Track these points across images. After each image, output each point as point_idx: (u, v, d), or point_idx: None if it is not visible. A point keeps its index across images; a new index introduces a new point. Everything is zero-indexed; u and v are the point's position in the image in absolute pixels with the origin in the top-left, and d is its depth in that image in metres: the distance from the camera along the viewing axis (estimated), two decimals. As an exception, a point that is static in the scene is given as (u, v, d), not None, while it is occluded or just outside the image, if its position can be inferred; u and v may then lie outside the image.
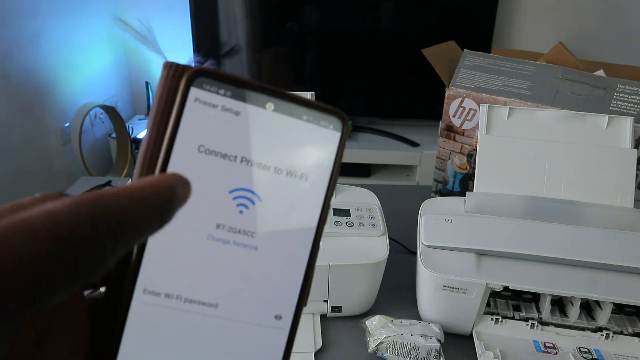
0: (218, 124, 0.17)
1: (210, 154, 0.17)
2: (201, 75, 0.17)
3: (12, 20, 1.53)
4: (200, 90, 0.17)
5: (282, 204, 0.18)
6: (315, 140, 0.19)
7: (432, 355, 0.55)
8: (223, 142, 0.18)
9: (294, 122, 0.18)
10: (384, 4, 2.09)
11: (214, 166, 0.18)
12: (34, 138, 1.66)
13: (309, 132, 0.19)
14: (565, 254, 0.58)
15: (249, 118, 0.18)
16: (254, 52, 2.17)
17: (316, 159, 0.19)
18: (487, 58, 0.87)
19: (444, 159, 0.92)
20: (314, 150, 0.19)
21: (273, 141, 0.18)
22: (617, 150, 0.68)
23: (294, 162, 0.18)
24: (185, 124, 0.17)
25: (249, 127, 0.18)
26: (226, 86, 0.18)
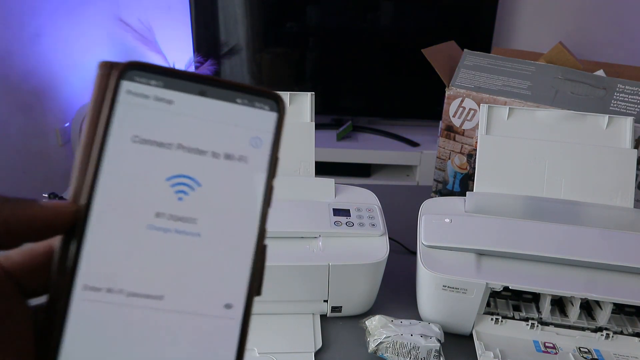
0: (152, 114, 0.18)
1: (145, 143, 0.18)
2: (132, 69, 0.18)
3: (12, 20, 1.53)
4: (132, 82, 0.18)
5: (223, 188, 0.18)
6: (251, 122, 0.19)
7: (432, 355, 0.55)
8: (158, 131, 0.18)
9: (228, 106, 0.19)
10: (384, 4, 2.09)
11: (150, 155, 0.18)
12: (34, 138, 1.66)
13: (244, 114, 0.19)
14: (565, 254, 0.58)
15: (182, 105, 0.18)
16: (254, 52, 2.17)
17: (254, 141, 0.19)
18: (487, 58, 0.87)
19: (444, 159, 0.92)
20: (251, 132, 0.19)
21: (208, 126, 0.18)
22: (617, 150, 0.68)
23: (231, 145, 0.18)
24: (118, 116, 0.17)
25: (183, 115, 0.18)
26: (157, 77, 0.18)
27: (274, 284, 0.60)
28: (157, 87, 0.18)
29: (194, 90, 0.18)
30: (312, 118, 0.73)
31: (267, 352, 0.59)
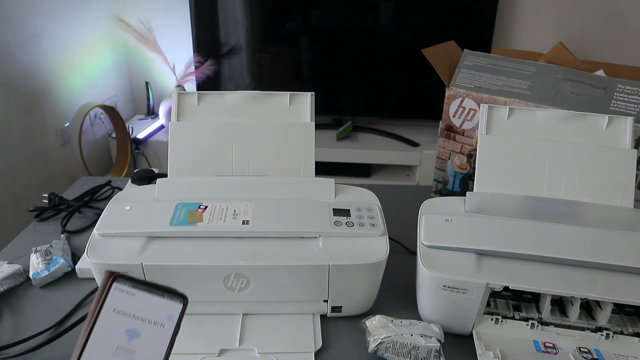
0: (124, 298, 0.35)
1: (118, 312, 0.35)
2: (121, 278, 0.36)
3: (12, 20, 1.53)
4: (118, 283, 0.35)
5: (150, 338, 0.35)
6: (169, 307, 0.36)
7: (432, 355, 0.55)
8: (125, 306, 0.35)
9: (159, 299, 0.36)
10: (384, 4, 2.09)
11: (120, 318, 0.35)
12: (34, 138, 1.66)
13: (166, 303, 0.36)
14: (565, 254, 0.58)
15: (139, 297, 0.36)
16: (254, 52, 2.17)
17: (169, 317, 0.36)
18: (487, 58, 0.87)
19: (444, 159, 0.92)
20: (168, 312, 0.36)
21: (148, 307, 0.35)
22: (617, 150, 0.68)
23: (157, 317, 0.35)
24: (110, 297, 0.35)
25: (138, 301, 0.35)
26: (131, 282, 0.36)
27: (274, 284, 0.60)
28: (129, 287, 0.36)
29: (145, 290, 0.36)
30: (312, 118, 0.73)
31: (267, 352, 0.59)
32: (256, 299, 0.61)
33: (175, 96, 0.73)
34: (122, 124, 2.06)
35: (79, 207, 0.90)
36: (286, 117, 0.73)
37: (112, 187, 0.99)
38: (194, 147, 0.71)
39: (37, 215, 0.90)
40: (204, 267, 0.58)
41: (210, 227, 0.61)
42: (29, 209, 0.90)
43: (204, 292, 0.60)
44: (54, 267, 0.71)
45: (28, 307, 0.67)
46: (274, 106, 0.74)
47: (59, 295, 0.69)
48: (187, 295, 0.36)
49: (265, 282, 0.60)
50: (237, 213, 0.63)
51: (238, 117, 0.73)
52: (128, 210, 0.64)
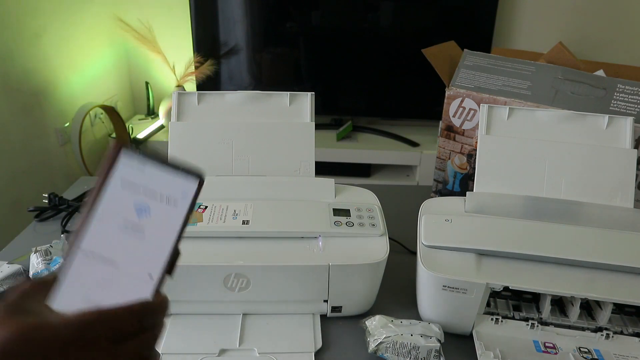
0: (134, 170, 0.32)
1: (127, 183, 0.32)
2: (128, 147, 0.32)
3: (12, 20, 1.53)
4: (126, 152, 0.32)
5: (161, 216, 0.32)
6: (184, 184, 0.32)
7: (432, 355, 0.55)
8: (134, 178, 0.32)
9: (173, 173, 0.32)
10: (384, 4, 2.09)
11: (129, 190, 0.32)
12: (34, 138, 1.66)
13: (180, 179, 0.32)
14: (565, 254, 0.58)
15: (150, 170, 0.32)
16: (254, 52, 2.17)
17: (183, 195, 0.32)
18: (487, 58, 0.87)
19: (444, 159, 0.92)
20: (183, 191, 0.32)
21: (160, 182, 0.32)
22: (617, 150, 0.68)
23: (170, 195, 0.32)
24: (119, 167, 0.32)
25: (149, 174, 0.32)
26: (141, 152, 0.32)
27: (274, 284, 0.60)
28: (138, 157, 0.32)
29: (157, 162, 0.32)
30: (312, 118, 0.73)
31: (267, 352, 0.59)
32: (256, 299, 0.61)
33: (175, 96, 0.73)
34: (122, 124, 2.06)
35: (79, 207, 0.90)
36: (286, 117, 0.73)
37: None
38: (194, 147, 0.71)
39: (37, 215, 0.90)
40: (204, 267, 0.58)
41: (210, 227, 0.61)
42: (29, 209, 0.90)
43: (204, 292, 0.60)
44: (54, 267, 0.71)
45: (28, 307, 0.67)
46: (274, 106, 0.74)
47: (59, 295, 0.69)
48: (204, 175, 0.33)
49: (265, 282, 0.60)
50: (237, 213, 0.63)
51: (238, 117, 0.73)
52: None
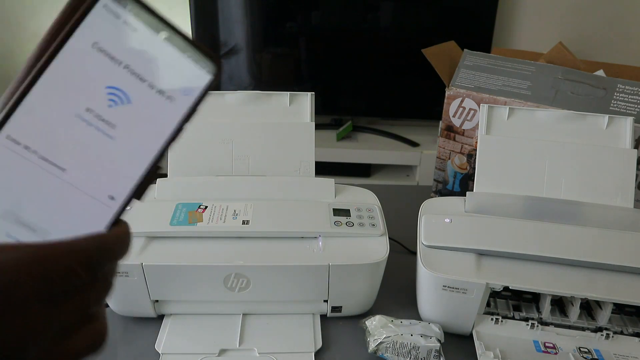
0: (116, 32, 0.21)
1: (101, 52, 0.21)
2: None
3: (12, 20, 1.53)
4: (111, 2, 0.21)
5: (146, 112, 0.22)
6: (189, 75, 0.23)
7: (432, 355, 0.55)
8: (115, 47, 0.21)
9: (177, 54, 0.22)
10: (384, 4, 2.09)
11: (101, 62, 0.21)
12: (34, 138, 1.66)
13: (186, 66, 0.22)
14: (565, 254, 0.58)
15: (142, 37, 0.21)
16: (254, 52, 2.17)
17: (185, 90, 0.23)
18: (487, 58, 0.87)
19: (444, 159, 0.92)
20: (186, 83, 0.23)
21: (156, 63, 0.22)
22: (617, 150, 0.68)
23: (167, 84, 0.22)
24: (90, 21, 0.21)
25: (140, 44, 0.22)
26: (133, 5, 0.21)
27: (274, 284, 0.60)
28: (129, 13, 0.21)
29: (156, 29, 0.22)
30: (312, 118, 0.73)
31: (267, 352, 0.59)
32: (256, 299, 0.61)
33: (175, 96, 0.73)
34: (122, 124, 2.06)
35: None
36: (286, 117, 0.73)
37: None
38: (193, 147, 0.71)
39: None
40: (204, 267, 0.58)
41: (210, 227, 0.61)
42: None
43: (204, 292, 0.60)
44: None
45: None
46: (274, 106, 0.74)
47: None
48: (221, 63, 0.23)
49: (265, 282, 0.60)
50: (237, 213, 0.63)
51: (238, 117, 0.73)
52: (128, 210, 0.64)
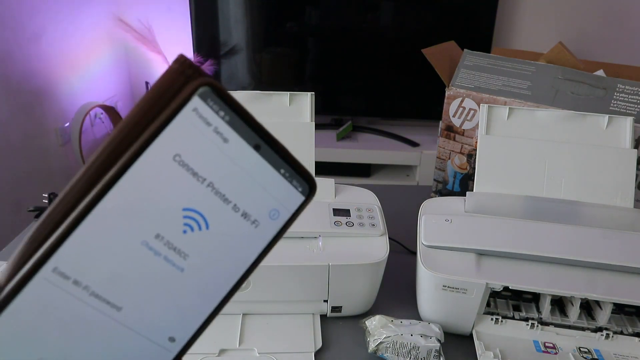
0: (203, 142, 0.17)
1: (182, 166, 0.17)
2: (211, 88, 0.17)
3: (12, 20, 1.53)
4: (202, 102, 0.17)
5: (226, 240, 0.18)
6: (280, 195, 0.19)
7: (432, 355, 0.55)
8: (200, 161, 0.17)
9: (270, 171, 0.18)
10: (384, 4, 2.09)
11: (180, 179, 0.17)
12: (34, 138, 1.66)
13: (277, 185, 0.19)
14: (565, 254, 0.58)
15: (234, 149, 0.18)
16: (254, 52, 2.17)
17: (273, 213, 0.19)
18: (487, 58, 0.87)
19: (444, 159, 0.92)
20: (275, 204, 0.19)
21: (244, 180, 0.18)
22: (617, 150, 0.68)
23: (253, 207, 0.19)
24: (174, 127, 0.17)
25: (230, 159, 0.18)
26: (228, 111, 0.17)
27: (274, 284, 0.60)
28: (221, 120, 0.17)
29: (251, 141, 0.18)
30: (312, 118, 0.73)
31: (267, 352, 0.59)
32: (256, 299, 0.61)
33: (175, 96, 0.73)
34: (122, 124, 2.05)
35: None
36: (286, 117, 0.73)
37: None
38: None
39: (37, 215, 0.90)
40: (204, 267, 0.58)
41: (210, 227, 0.61)
42: (29, 209, 0.90)
43: (204, 292, 0.60)
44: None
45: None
46: (274, 106, 0.74)
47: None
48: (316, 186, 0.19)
49: (265, 282, 0.60)
50: (237, 213, 0.63)
51: (238, 117, 0.73)
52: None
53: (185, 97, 0.16)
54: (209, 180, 0.17)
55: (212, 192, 0.18)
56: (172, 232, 0.17)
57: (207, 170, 0.17)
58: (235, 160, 0.18)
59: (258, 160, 0.18)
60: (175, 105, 0.16)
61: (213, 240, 0.18)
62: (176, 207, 0.17)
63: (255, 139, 0.18)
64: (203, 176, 0.17)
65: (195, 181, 0.17)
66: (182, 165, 0.17)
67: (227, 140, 0.17)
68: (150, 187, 0.17)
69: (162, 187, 0.17)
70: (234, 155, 0.17)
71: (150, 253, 0.17)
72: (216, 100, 0.17)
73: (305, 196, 0.19)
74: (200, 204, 0.18)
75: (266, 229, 0.19)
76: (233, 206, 0.18)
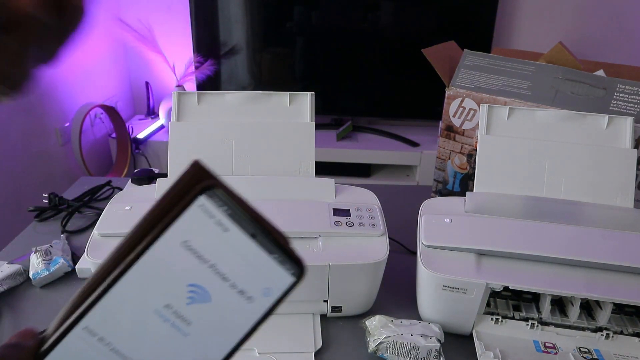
0: (207, 232, 0.21)
1: (189, 250, 0.21)
2: (216, 189, 0.21)
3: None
4: (207, 200, 0.21)
5: (224, 311, 0.22)
6: (273, 276, 0.22)
7: (432, 355, 0.55)
8: (204, 246, 0.21)
9: (264, 256, 0.22)
10: (384, 4, 2.09)
11: (187, 261, 0.21)
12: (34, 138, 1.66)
13: (271, 268, 0.22)
14: (565, 254, 0.58)
15: (232, 238, 0.21)
16: (254, 52, 2.17)
17: (266, 290, 0.22)
18: (487, 58, 0.87)
19: (444, 159, 0.92)
20: (268, 284, 0.22)
21: (240, 262, 0.22)
22: (617, 150, 0.68)
23: (248, 285, 0.22)
24: (183, 220, 0.21)
25: (228, 244, 0.21)
26: (229, 205, 0.21)
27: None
28: (223, 214, 0.21)
29: (248, 231, 0.21)
30: (312, 118, 0.73)
31: (267, 352, 0.59)
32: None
33: (175, 96, 0.73)
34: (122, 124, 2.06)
35: (79, 207, 0.90)
36: (286, 117, 0.73)
37: (112, 187, 0.99)
38: (194, 147, 0.71)
39: (37, 215, 0.90)
40: (204, 267, 0.58)
41: (210, 227, 0.61)
42: (29, 209, 0.90)
43: (204, 292, 0.60)
44: (54, 267, 0.71)
45: (28, 307, 0.67)
46: (274, 106, 0.74)
47: (59, 295, 0.69)
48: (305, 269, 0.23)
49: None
50: (237, 213, 0.63)
51: (238, 117, 0.73)
52: (128, 210, 0.64)
53: (193, 196, 0.21)
54: (211, 262, 0.21)
55: (213, 271, 0.21)
56: (179, 303, 0.21)
57: (209, 253, 0.21)
58: (234, 246, 0.21)
59: (253, 246, 0.21)
60: (184, 203, 0.21)
61: (213, 311, 0.22)
62: (183, 283, 0.21)
63: (251, 229, 0.21)
64: (206, 258, 0.21)
65: (199, 262, 0.21)
66: (189, 250, 0.21)
67: (227, 229, 0.21)
68: (163, 266, 0.21)
69: (173, 267, 0.21)
70: (233, 242, 0.21)
71: (161, 319, 0.21)
72: (220, 197, 0.21)
73: (296, 277, 0.23)
74: (203, 281, 0.21)
75: (260, 305, 0.22)
76: (231, 284, 0.22)
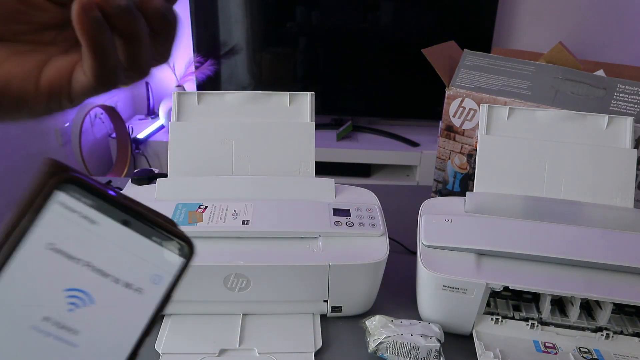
0: (73, 228, 0.19)
1: (57, 252, 0.19)
2: (71, 183, 0.19)
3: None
4: (65, 194, 0.19)
5: (114, 310, 0.19)
6: (158, 261, 0.20)
7: (432, 355, 0.55)
8: (72, 245, 0.19)
9: (143, 241, 0.20)
10: (384, 4, 2.09)
11: (57, 264, 0.19)
12: (34, 138, 1.66)
13: (154, 252, 0.20)
14: (565, 254, 0.58)
15: (103, 229, 0.19)
16: (254, 52, 2.17)
17: (155, 278, 0.20)
18: (487, 58, 0.87)
19: (444, 159, 0.92)
20: (155, 270, 0.20)
21: (119, 254, 0.19)
22: (617, 150, 0.68)
23: (133, 276, 0.20)
24: (42, 221, 0.18)
25: (100, 237, 0.19)
26: (91, 197, 0.19)
27: (274, 284, 0.60)
28: (86, 206, 0.19)
29: (119, 218, 0.19)
30: (312, 118, 0.73)
31: (267, 352, 0.59)
32: (256, 299, 0.61)
33: (175, 96, 0.73)
34: (122, 124, 2.06)
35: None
36: (286, 117, 0.73)
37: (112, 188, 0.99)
38: (194, 147, 0.71)
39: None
40: (204, 267, 0.58)
41: (210, 227, 0.61)
42: (29, 209, 0.90)
43: (204, 292, 0.60)
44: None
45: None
46: (274, 106, 0.74)
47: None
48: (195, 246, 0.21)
49: (265, 282, 0.60)
50: (237, 213, 0.63)
51: (238, 117, 0.73)
52: None
53: (48, 192, 0.18)
54: (85, 260, 0.19)
55: (90, 270, 0.19)
56: (59, 312, 0.19)
57: (80, 251, 0.19)
58: (106, 238, 0.19)
59: (128, 233, 0.20)
60: (40, 201, 0.18)
61: (101, 312, 0.19)
62: (58, 289, 0.19)
63: (122, 216, 0.19)
64: (78, 257, 0.19)
65: (71, 263, 0.19)
66: (57, 252, 0.19)
67: (95, 221, 0.19)
68: (31, 276, 0.18)
69: (42, 274, 0.19)
70: (104, 234, 0.19)
71: (42, 335, 0.19)
72: (78, 190, 0.19)
73: (184, 257, 0.20)
74: (81, 283, 0.19)
75: (152, 294, 0.20)
76: (113, 279, 0.19)
